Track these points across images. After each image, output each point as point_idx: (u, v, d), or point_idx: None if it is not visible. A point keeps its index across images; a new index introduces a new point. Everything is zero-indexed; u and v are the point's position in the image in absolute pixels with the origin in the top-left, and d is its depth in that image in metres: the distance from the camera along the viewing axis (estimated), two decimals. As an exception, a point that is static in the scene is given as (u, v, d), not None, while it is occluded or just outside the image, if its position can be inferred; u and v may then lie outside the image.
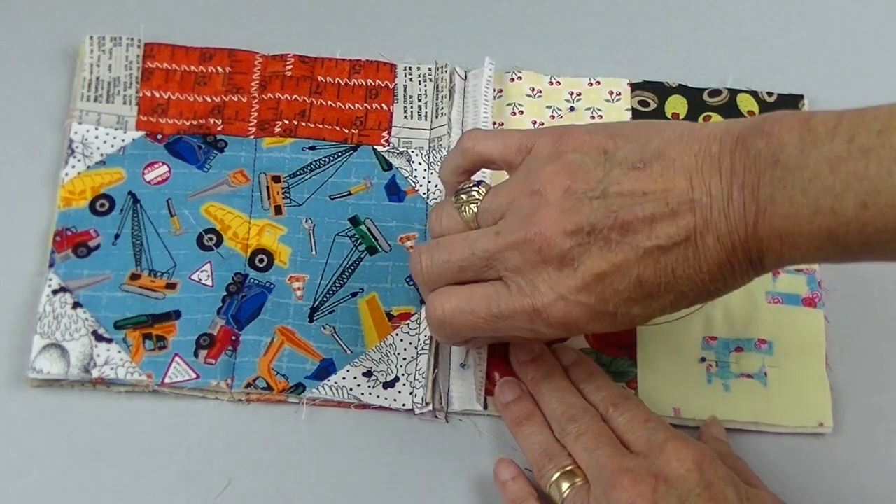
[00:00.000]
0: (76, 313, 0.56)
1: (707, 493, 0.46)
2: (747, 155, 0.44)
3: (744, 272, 0.45)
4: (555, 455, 0.51)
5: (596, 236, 0.45)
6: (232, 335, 0.56)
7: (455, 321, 0.49)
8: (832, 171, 0.41)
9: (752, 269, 0.45)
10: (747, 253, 0.44)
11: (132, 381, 0.55)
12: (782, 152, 0.43)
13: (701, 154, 0.45)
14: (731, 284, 0.46)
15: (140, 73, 0.62)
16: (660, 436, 0.49)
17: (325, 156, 0.61)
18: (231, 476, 0.54)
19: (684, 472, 0.47)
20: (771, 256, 0.44)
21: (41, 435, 0.54)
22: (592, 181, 0.46)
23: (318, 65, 0.63)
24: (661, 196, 0.45)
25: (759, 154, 0.43)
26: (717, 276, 0.45)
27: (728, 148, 0.44)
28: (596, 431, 0.50)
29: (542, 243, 0.46)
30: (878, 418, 0.57)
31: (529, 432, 0.53)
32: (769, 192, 0.43)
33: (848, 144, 0.41)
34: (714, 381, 0.57)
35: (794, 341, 0.57)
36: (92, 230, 0.58)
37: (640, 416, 0.51)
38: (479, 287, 0.49)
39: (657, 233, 0.45)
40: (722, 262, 0.45)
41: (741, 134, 0.44)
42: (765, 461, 0.56)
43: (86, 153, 0.60)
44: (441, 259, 0.50)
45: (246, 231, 0.59)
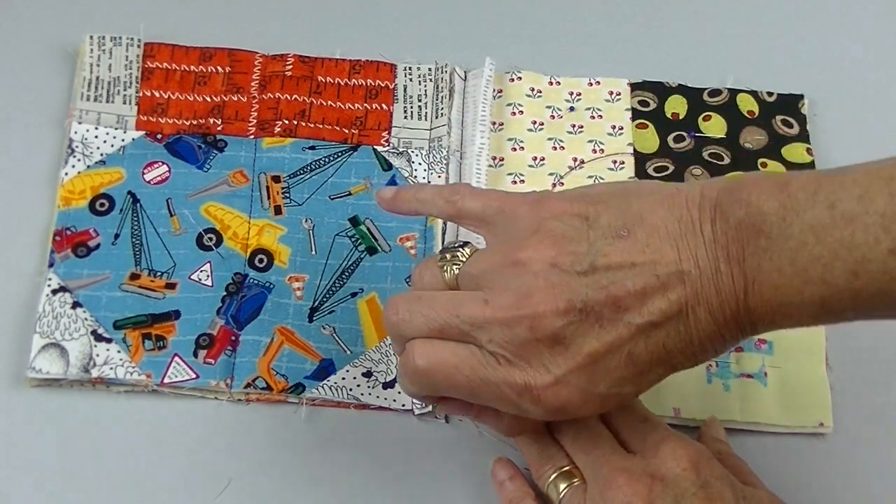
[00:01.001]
0: (76, 313, 0.56)
1: (703, 493, 0.46)
2: (727, 224, 0.43)
3: (734, 340, 0.45)
4: (552, 455, 0.51)
5: (588, 314, 0.44)
6: (231, 335, 0.56)
7: (436, 374, 0.46)
8: (818, 241, 0.41)
9: (742, 337, 0.45)
10: (739, 324, 0.44)
11: (132, 381, 0.55)
12: (764, 222, 0.42)
13: (683, 221, 0.44)
14: (721, 352, 0.45)
15: (140, 73, 0.62)
16: (656, 435, 0.49)
17: (325, 156, 0.61)
18: (231, 476, 0.54)
19: (680, 471, 0.47)
20: (763, 324, 0.44)
21: (40, 435, 0.54)
22: (579, 253, 0.44)
23: (318, 65, 0.63)
24: (651, 268, 0.43)
25: (741, 224, 0.43)
26: (707, 347, 0.44)
27: (707, 216, 0.44)
28: (593, 432, 0.50)
29: (535, 322, 0.44)
30: (879, 418, 0.57)
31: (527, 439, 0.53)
32: (755, 262, 0.42)
33: (830, 211, 0.41)
34: (714, 381, 0.56)
35: (794, 341, 0.57)
36: (92, 230, 0.58)
37: (637, 416, 0.51)
38: (464, 347, 0.46)
39: (649, 308, 0.43)
40: (713, 334, 0.44)
41: (718, 202, 0.43)
42: (765, 461, 0.55)
43: (86, 153, 0.60)
44: (422, 313, 0.46)
45: (246, 231, 0.59)
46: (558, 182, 0.61)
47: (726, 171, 0.61)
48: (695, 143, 0.62)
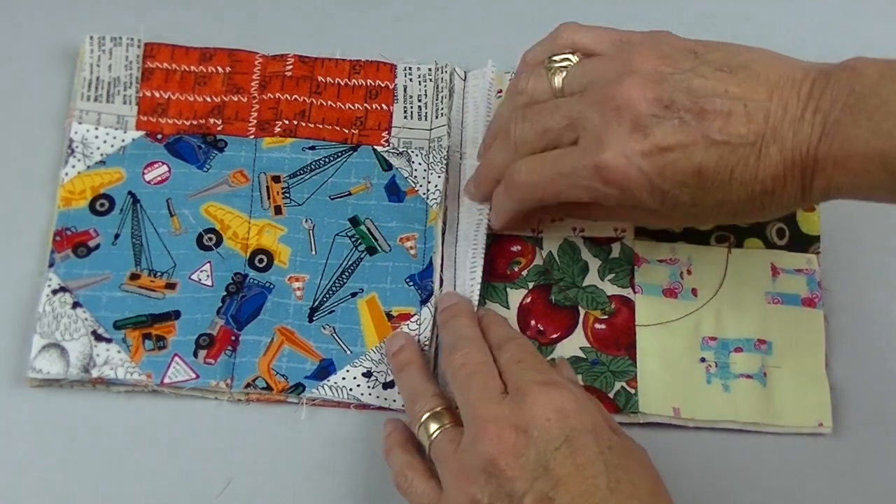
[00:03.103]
0: (76, 313, 0.56)
1: (567, 448, 0.45)
2: (827, 83, 0.47)
3: (793, 192, 0.48)
4: (424, 395, 0.51)
5: (673, 112, 0.48)
6: (231, 335, 0.56)
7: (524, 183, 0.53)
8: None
9: (801, 192, 0.48)
10: (803, 170, 0.47)
11: (132, 381, 0.55)
12: (859, 83, 0.46)
13: (785, 76, 0.48)
14: (777, 203, 0.49)
15: (140, 73, 0.62)
16: (527, 377, 0.49)
17: (325, 156, 0.61)
18: (231, 476, 0.54)
19: (544, 421, 0.46)
20: (821, 179, 0.47)
21: (41, 435, 0.54)
22: (681, 69, 0.49)
23: (318, 65, 0.63)
24: (741, 99, 0.48)
25: (839, 83, 0.46)
26: (768, 187, 0.48)
27: (811, 76, 0.47)
28: (472, 368, 0.50)
29: (622, 102, 0.49)
30: (878, 418, 0.57)
31: (406, 377, 0.53)
32: (838, 116, 0.46)
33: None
34: (714, 381, 0.57)
35: (793, 341, 0.57)
36: (92, 230, 0.58)
37: (516, 356, 0.51)
38: (552, 152, 0.52)
39: (729, 129, 0.47)
40: (777, 174, 0.47)
41: (826, 69, 0.47)
42: (764, 461, 0.56)
43: (86, 153, 0.60)
44: (528, 125, 0.53)
45: (246, 231, 0.59)
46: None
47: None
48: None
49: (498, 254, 0.59)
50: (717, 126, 0.47)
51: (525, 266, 0.59)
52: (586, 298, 0.58)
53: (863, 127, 0.45)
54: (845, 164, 0.46)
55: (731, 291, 0.58)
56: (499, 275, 0.59)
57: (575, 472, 0.45)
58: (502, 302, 0.58)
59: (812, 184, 0.47)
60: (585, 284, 0.59)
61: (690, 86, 0.48)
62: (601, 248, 0.59)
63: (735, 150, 0.47)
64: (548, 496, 0.45)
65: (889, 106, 0.44)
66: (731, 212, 0.50)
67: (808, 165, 0.47)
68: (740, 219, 0.52)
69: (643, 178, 0.49)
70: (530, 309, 0.58)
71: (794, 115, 0.47)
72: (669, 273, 0.59)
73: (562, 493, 0.44)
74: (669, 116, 0.48)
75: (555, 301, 0.58)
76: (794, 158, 0.47)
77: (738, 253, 0.59)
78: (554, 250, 0.59)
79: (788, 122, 0.47)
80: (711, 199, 0.49)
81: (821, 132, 0.46)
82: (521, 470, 0.45)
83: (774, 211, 0.50)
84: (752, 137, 0.47)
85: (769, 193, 0.48)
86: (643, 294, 0.58)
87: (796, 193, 0.48)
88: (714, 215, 0.51)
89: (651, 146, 0.48)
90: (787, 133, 0.47)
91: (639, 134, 0.48)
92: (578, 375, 0.56)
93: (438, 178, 0.60)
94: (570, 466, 0.45)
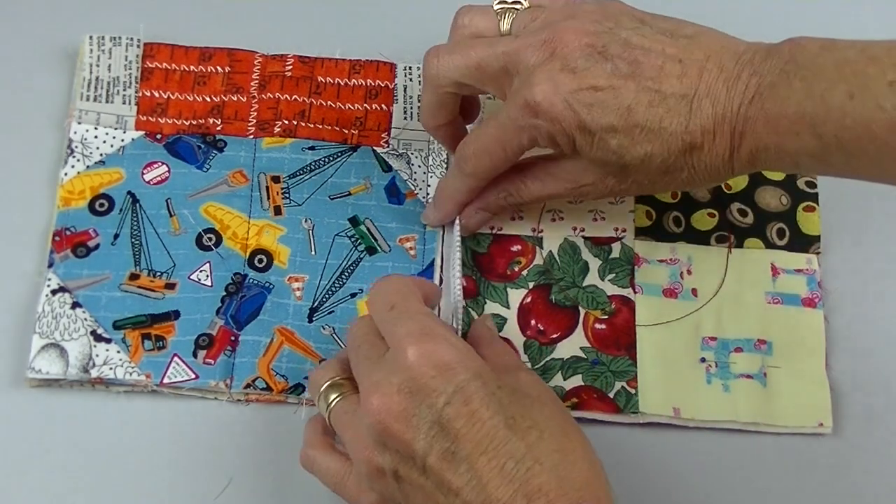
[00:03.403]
0: (75, 313, 0.56)
1: (457, 400, 0.45)
2: (768, 54, 0.48)
3: (721, 150, 0.48)
4: (328, 367, 0.51)
5: (605, 58, 0.49)
6: (231, 335, 0.56)
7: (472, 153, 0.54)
8: (837, 69, 0.45)
9: (728, 152, 0.48)
10: (732, 128, 0.48)
11: (131, 381, 0.55)
12: (800, 53, 0.46)
13: (726, 47, 0.49)
14: (704, 162, 0.49)
15: (139, 73, 0.62)
16: (400, 330, 0.47)
17: (325, 156, 0.61)
18: (231, 476, 0.54)
19: (429, 379, 0.45)
20: (750, 140, 0.47)
21: (40, 435, 0.54)
22: (623, 26, 0.50)
23: (317, 65, 0.63)
24: (677, 57, 0.49)
25: (780, 53, 0.47)
26: (697, 141, 0.48)
27: (753, 49, 0.48)
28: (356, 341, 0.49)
29: (557, 45, 0.49)
30: (878, 419, 0.57)
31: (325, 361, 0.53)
32: (774, 79, 0.47)
33: (860, 53, 0.45)
34: (714, 381, 0.56)
35: (793, 342, 0.57)
36: (91, 230, 0.58)
37: (386, 304, 0.49)
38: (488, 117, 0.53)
39: (661, 79, 0.48)
40: (707, 128, 0.48)
41: (773, 46, 0.48)
42: (764, 461, 0.56)
43: (85, 153, 0.60)
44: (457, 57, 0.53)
45: (245, 231, 0.59)
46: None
47: (726, 171, 0.61)
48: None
49: (498, 253, 0.59)
50: (650, 75, 0.48)
51: (525, 266, 0.59)
52: (586, 298, 0.58)
53: (796, 89, 0.45)
54: (776, 124, 0.46)
55: (731, 291, 0.58)
56: (499, 274, 0.59)
57: (470, 421, 0.44)
58: (502, 301, 0.58)
59: (741, 144, 0.48)
60: (586, 284, 0.59)
61: (628, 40, 0.49)
62: (601, 247, 0.59)
63: (666, 99, 0.48)
64: (450, 451, 0.44)
65: (825, 72, 0.45)
66: (660, 169, 0.50)
67: (738, 123, 0.47)
68: (669, 180, 0.51)
69: (570, 112, 0.49)
70: (530, 309, 0.58)
71: (729, 75, 0.48)
72: (669, 273, 0.59)
73: (462, 445, 0.44)
74: (602, 61, 0.49)
75: (555, 301, 0.58)
76: (726, 114, 0.47)
77: (739, 253, 0.59)
78: (554, 250, 0.59)
79: (723, 80, 0.48)
80: (640, 150, 0.49)
81: (755, 91, 0.47)
82: (416, 431, 0.45)
83: (702, 173, 0.50)
84: (684, 90, 0.48)
85: (697, 148, 0.49)
86: (643, 294, 0.58)
87: (724, 153, 0.48)
88: (643, 173, 0.50)
89: (580, 83, 0.49)
90: (721, 89, 0.48)
91: (569, 72, 0.49)
92: (578, 375, 0.56)
93: (437, 180, 0.60)
94: (463, 418, 0.44)
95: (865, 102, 0.44)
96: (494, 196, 0.56)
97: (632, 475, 0.55)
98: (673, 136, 0.48)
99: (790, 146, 0.46)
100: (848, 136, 0.45)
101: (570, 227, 0.60)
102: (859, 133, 0.44)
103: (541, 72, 0.49)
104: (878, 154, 0.44)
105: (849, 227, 0.61)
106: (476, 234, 0.59)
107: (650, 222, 0.60)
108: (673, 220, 0.60)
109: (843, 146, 0.45)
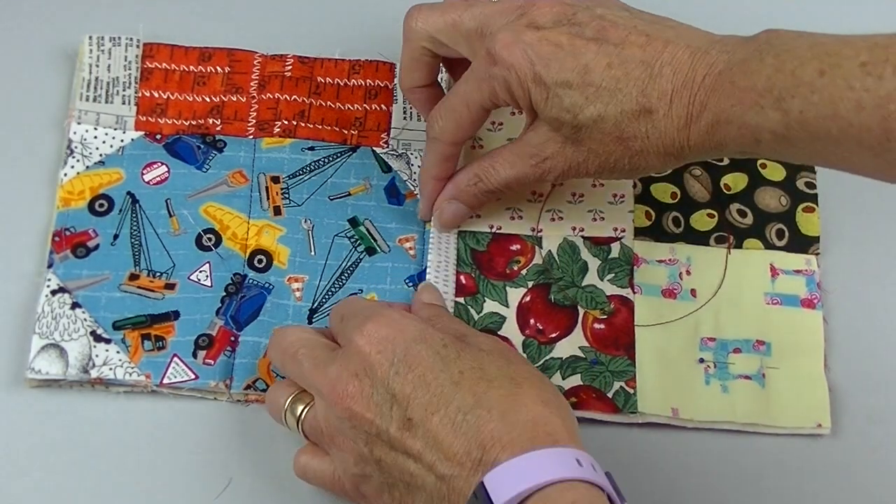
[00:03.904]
0: (75, 313, 0.56)
1: (402, 365, 0.46)
2: (744, 40, 0.48)
3: (674, 119, 0.48)
4: (280, 388, 0.52)
5: (574, 23, 0.50)
6: (231, 336, 0.56)
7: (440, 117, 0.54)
8: (810, 49, 0.45)
9: (684, 121, 0.48)
10: (692, 97, 0.48)
11: (131, 382, 0.55)
12: (776, 38, 0.47)
13: (702, 35, 0.49)
14: (656, 130, 0.49)
15: (139, 73, 0.62)
16: (348, 327, 0.49)
17: (325, 156, 0.61)
18: (231, 476, 0.54)
19: (375, 355, 0.47)
20: (712, 111, 0.47)
21: (40, 435, 0.54)
22: (602, 4, 0.51)
23: (317, 65, 0.63)
24: (646, 32, 0.49)
25: (756, 39, 0.47)
26: (652, 105, 0.48)
27: (729, 36, 0.49)
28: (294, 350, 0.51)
29: (529, 7, 0.51)
30: (876, 420, 0.57)
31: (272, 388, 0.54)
32: (744, 56, 0.47)
33: (836, 39, 0.45)
34: (712, 381, 0.57)
35: (792, 342, 0.57)
36: (91, 230, 0.58)
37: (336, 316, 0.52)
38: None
39: (624, 46, 0.49)
40: (664, 93, 0.48)
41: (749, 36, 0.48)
42: (763, 462, 0.56)
43: (85, 153, 0.60)
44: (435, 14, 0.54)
45: (245, 231, 0.59)
46: (557, 181, 0.61)
47: (726, 171, 0.61)
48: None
49: (497, 252, 0.59)
50: (614, 41, 0.49)
51: (524, 265, 0.59)
52: (585, 298, 0.58)
53: (767, 64, 0.45)
54: (741, 97, 0.46)
55: (730, 292, 0.58)
56: (498, 273, 0.59)
57: (418, 385, 0.46)
58: (501, 300, 0.58)
59: (701, 114, 0.47)
60: (585, 284, 0.59)
61: (602, 15, 0.50)
62: (601, 247, 0.59)
63: (626, 62, 0.48)
64: (406, 418, 0.45)
65: (798, 51, 0.45)
66: (613, 135, 0.49)
67: (699, 92, 0.47)
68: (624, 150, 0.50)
69: (527, 62, 0.49)
70: (529, 308, 0.58)
71: (697, 48, 0.48)
72: (668, 273, 0.59)
73: (414, 408, 0.45)
74: (569, 25, 0.50)
75: (554, 300, 0.58)
76: (687, 82, 0.48)
77: (738, 253, 0.59)
78: (553, 249, 0.59)
79: (690, 52, 0.48)
80: (593, 110, 0.49)
81: (724, 66, 0.47)
82: (376, 406, 0.46)
83: (656, 142, 0.49)
84: (645, 57, 0.48)
85: (652, 112, 0.48)
86: (642, 294, 0.58)
87: (679, 121, 0.48)
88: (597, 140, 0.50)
89: (542, 37, 0.49)
90: (685, 60, 0.48)
91: (533, 29, 0.50)
92: (577, 375, 0.56)
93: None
94: (411, 384, 0.46)
95: (835, 80, 0.43)
96: (466, 182, 0.56)
97: (630, 475, 0.54)
98: (627, 97, 0.48)
99: (753, 120, 0.46)
100: (813, 113, 0.44)
101: (569, 227, 0.60)
102: (825, 112, 0.44)
103: (507, 27, 0.50)
104: (840, 135, 0.44)
105: (848, 228, 0.61)
106: (475, 233, 0.59)
107: (649, 222, 0.60)
108: (672, 221, 0.60)
109: (806, 124, 0.45)
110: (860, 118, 0.43)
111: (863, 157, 0.45)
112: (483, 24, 0.52)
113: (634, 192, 0.61)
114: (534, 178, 0.54)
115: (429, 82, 0.57)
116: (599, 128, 0.50)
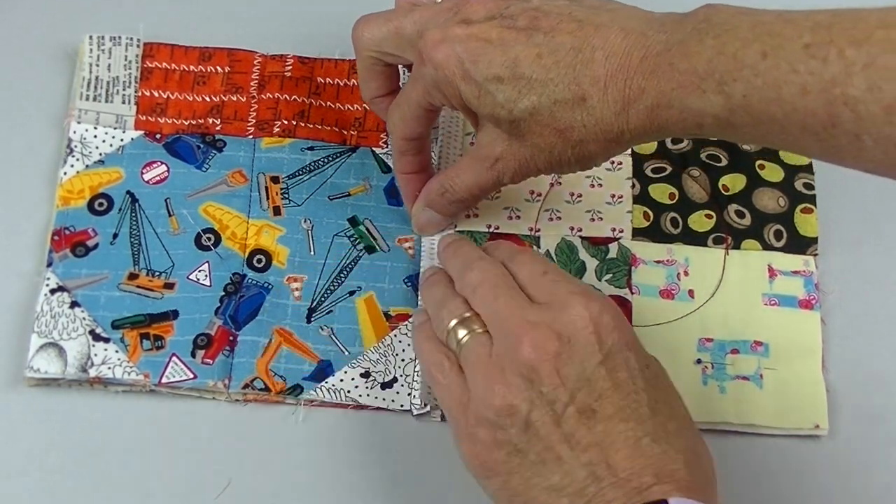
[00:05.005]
0: (74, 313, 0.56)
1: (610, 362, 0.45)
2: (683, 18, 0.46)
3: (610, 104, 0.47)
4: (449, 302, 0.50)
5: (504, 18, 0.49)
6: (230, 335, 0.56)
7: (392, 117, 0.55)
8: (751, 29, 0.44)
9: (620, 106, 0.47)
10: (627, 80, 0.46)
11: (129, 381, 0.55)
12: (715, 15, 0.45)
13: (640, 15, 0.48)
14: (591, 118, 0.47)
15: (139, 73, 0.62)
16: (561, 287, 0.47)
17: (324, 157, 0.61)
18: (231, 476, 0.54)
19: (588, 333, 0.45)
20: (652, 94, 0.46)
21: (38, 434, 0.54)
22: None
23: (317, 65, 0.63)
24: (578, 18, 0.48)
25: (696, 15, 0.46)
26: (585, 92, 0.47)
27: (667, 14, 0.47)
28: (493, 281, 0.49)
29: (463, 5, 0.50)
30: (874, 421, 0.57)
31: (430, 292, 0.52)
32: (683, 37, 0.45)
33: (777, 17, 0.44)
34: (710, 382, 0.57)
35: (790, 343, 0.57)
36: (90, 229, 0.58)
37: (538, 268, 0.49)
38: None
39: (554, 34, 0.48)
40: (597, 78, 0.47)
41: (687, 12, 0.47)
42: (760, 463, 0.56)
43: (84, 152, 0.60)
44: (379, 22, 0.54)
45: (244, 231, 0.59)
46: (555, 181, 0.61)
47: (724, 172, 0.61)
48: (693, 145, 0.62)
49: (496, 253, 0.59)
50: (544, 30, 0.48)
51: (523, 266, 0.59)
52: (584, 299, 0.58)
53: (708, 46, 0.44)
54: (682, 80, 0.45)
55: (728, 293, 0.59)
56: (497, 275, 0.59)
57: (616, 386, 0.45)
58: (500, 302, 0.58)
59: (639, 98, 0.46)
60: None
61: (538, 7, 0.49)
62: (599, 248, 0.59)
63: (555, 51, 0.47)
64: (591, 408, 0.44)
65: (739, 31, 0.44)
66: (551, 127, 0.48)
67: (636, 76, 0.46)
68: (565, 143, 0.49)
69: (455, 59, 0.49)
70: (528, 309, 0.58)
71: (631, 30, 0.47)
72: (666, 274, 0.59)
73: (605, 405, 0.44)
74: (500, 19, 0.49)
75: (552, 302, 0.58)
76: (622, 66, 0.46)
77: (736, 254, 0.59)
78: (551, 249, 0.59)
79: (623, 35, 0.47)
80: (526, 102, 0.48)
81: (662, 47, 0.46)
82: (565, 380, 0.44)
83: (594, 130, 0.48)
84: (576, 43, 0.47)
85: (587, 99, 0.47)
86: (640, 295, 0.58)
87: (615, 106, 0.47)
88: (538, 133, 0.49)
89: (470, 33, 0.49)
90: (619, 43, 0.47)
91: (464, 25, 0.49)
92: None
93: (436, 179, 0.60)
94: (611, 381, 0.45)
95: (779, 63, 0.42)
96: (435, 192, 0.56)
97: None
98: (559, 86, 0.47)
99: (695, 104, 0.45)
100: (756, 97, 0.43)
101: (567, 227, 0.60)
102: (768, 95, 0.43)
103: (438, 26, 0.50)
104: (784, 119, 0.43)
105: (846, 229, 0.61)
106: (473, 233, 0.59)
107: (647, 223, 0.60)
108: (670, 221, 0.60)
109: (749, 108, 0.44)
110: (805, 102, 0.42)
111: (808, 141, 0.44)
112: (422, 27, 0.51)
113: (633, 193, 0.61)
114: (491, 182, 0.53)
115: (388, 90, 0.56)
116: (536, 120, 0.49)
